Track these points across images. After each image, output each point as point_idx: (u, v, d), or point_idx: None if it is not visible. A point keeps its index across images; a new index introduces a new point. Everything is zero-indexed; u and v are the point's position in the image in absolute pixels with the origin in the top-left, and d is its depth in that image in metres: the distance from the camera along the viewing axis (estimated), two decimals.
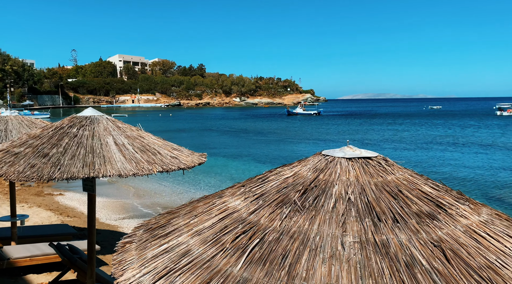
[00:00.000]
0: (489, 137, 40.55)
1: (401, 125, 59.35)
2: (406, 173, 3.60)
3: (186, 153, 6.79)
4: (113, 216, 15.78)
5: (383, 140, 38.62)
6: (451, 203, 3.16)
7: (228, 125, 63.36)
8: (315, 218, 2.82)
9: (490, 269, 2.41)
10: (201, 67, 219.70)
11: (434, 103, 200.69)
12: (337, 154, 3.76)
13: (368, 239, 2.61)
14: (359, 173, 3.39)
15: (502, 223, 3.11)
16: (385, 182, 3.35)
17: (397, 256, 2.46)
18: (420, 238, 2.64)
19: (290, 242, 2.62)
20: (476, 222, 2.94)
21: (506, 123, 60.93)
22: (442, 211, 2.99)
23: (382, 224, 2.75)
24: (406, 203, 3.01)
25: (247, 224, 2.88)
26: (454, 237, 2.69)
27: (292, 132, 49.84)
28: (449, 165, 24.10)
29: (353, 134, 45.13)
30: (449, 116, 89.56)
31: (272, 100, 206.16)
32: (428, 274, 2.34)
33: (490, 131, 47.71)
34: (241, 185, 3.78)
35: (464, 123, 63.49)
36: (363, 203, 3.01)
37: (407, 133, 45.49)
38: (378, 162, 3.62)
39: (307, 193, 3.19)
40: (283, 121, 73.02)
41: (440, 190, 3.42)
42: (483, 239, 2.71)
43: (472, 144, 34.18)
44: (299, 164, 3.90)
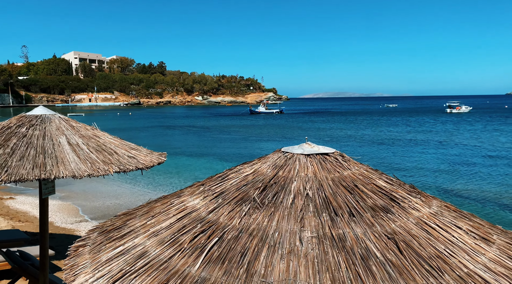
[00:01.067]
0: (439, 133, 42.79)
1: (359, 123, 61.28)
2: (362, 168, 3.70)
3: (144, 152, 6.62)
4: (69, 219, 15.14)
5: (342, 137, 39.71)
6: (404, 196, 3.27)
7: (190, 124, 62.64)
8: (274, 215, 2.83)
9: (440, 259, 2.52)
10: (161, 65, 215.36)
11: (390, 102, 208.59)
12: (296, 151, 3.80)
13: (326, 233, 2.65)
14: (317, 168, 3.44)
15: (450, 214, 3.27)
16: (342, 177, 3.42)
17: (353, 249, 2.52)
18: (375, 231, 2.71)
19: (249, 240, 2.61)
20: (427, 214, 3.07)
21: (454, 120, 64.50)
22: (396, 204, 3.09)
23: (338, 218, 2.80)
24: (362, 197, 3.09)
25: (206, 223, 2.84)
26: (407, 229, 2.79)
27: (255, 130, 50.07)
28: (403, 159, 25.18)
29: (313, 132, 46.04)
30: (404, 113, 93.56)
31: (235, 99, 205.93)
32: (382, 266, 2.41)
33: (440, 127, 50.39)
34: (201, 184, 3.72)
35: (417, 120, 66.57)
36: (321, 198, 3.06)
37: (363, 130, 47.06)
38: (335, 157, 3.69)
39: (266, 190, 3.20)
40: (245, 120, 73.18)
41: (393, 184, 3.54)
42: (433, 230, 2.83)
43: (424, 140, 35.90)
44: (259, 161, 3.90)
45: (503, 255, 2.72)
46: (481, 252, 2.68)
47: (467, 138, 36.54)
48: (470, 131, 43.48)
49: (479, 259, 2.59)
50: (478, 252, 2.68)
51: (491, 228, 3.35)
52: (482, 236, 2.94)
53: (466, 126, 50.35)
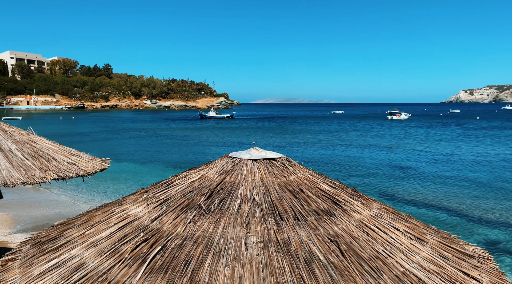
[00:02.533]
0: (381, 138, 45.13)
1: (307, 128, 62.95)
2: (307, 172, 3.78)
3: (86, 158, 6.30)
4: (2, 230, 14.01)
5: (290, 142, 40.53)
6: (346, 199, 3.39)
7: (138, 129, 60.80)
8: (220, 221, 2.80)
9: (378, 259, 2.63)
10: (107, 68, 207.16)
11: (337, 108, 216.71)
12: (243, 156, 3.81)
13: (271, 238, 2.67)
14: (263, 173, 3.47)
15: (389, 216, 3.43)
16: (288, 181, 3.47)
17: (297, 253, 2.55)
18: (319, 234, 2.77)
19: (193, 247, 2.56)
20: (368, 216, 3.20)
21: (394, 126, 68.37)
22: (338, 208, 3.19)
23: (284, 222, 2.83)
24: (307, 201, 3.16)
25: (149, 232, 2.75)
26: (348, 231, 2.88)
27: (205, 135, 49.68)
28: (348, 163, 26.19)
29: (263, 137, 46.54)
30: (349, 119, 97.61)
31: (186, 103, 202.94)
32: (325, 268, 2.47)
33: (382, 133, 53.15)
34: (144, 191, 3.60)
35: (363, 125, 69.69)
36: (267, 203, 3.08)
37: (312, 135, 48.40)
38: (281, 162, 3.75)
39: (213, 196, 3.16)
40: (195, 125, 72.41)
41: (337, 188, 3.66)
42: (372, 231, 2.94)
43: (367, 145, 37.63)
44: (206, 167, 3.86)
45: (435, 253, 2.89)
46: (416, 252, 2.83)
47: (408, 143, 38.83)
48: (410, 137, 46.30)
49: (414, 258, 2.74)
50: (413, 251, 2.82)
51: (426, 228, 3.56)
52: (417, 236, 3.11)
53: (406, 132, 53.54)
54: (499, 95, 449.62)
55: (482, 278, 2.69)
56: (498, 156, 30.02)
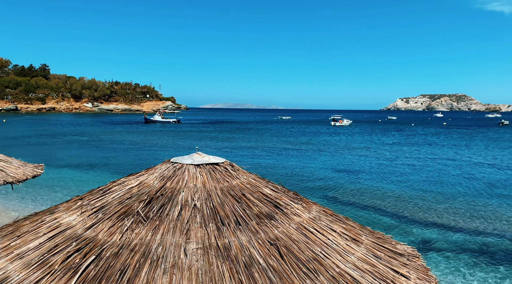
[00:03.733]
0: (325, 143, 46.79)
1: (253, 133, 63.56)
2: (250, 177, 3.82)
3: (16, 164, 5.87)
4: None
5: (236, 146, 40.66)
6: (287, 203, 3.46)
7: (78, 133, 57.70)
8: (159, 228, 2.74)
9: (316, 261, 2.71)
10: (44, 68, 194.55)
11: (284, 114, 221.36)
12: (185, 161, 3.75)
13: (211, 244, 2.65)
14: (206, 179, 3.44)
15: (327, 218, 3.56)
16: (230, 186, 3.48)
17: (237, 257, 2.56)
18: (259, 238, 2.80)
19: (130, 256, 2.47)
20: (307, 218, 3.29)
21: (338, 132, 71.24)
22: (279, 211, 3.25)
23: (225, 227, 2.83)
24: (248, 206, 3.18)
25: (82, 241, 2.61)
26: (288, 234, 2.94)
27: (149, 140, 48.30)
28: (293, 167, 26.81)
29: (209, 142, 46.20)
30: (296, 124, 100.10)
31: (130, 106, 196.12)
32: (264, 272, 2.50)
33: (326, 138, 55.17)
34: (79, 198, 3.42)
35: (307, 131, 71.79)
36: (209, 208, 3.06)
37: (257, 140, 48.95)
38: (225, 167, 3.75)
39: (152, 203, 3.08)
40: (140, 129, 70.21)
41: (279, 192, 3.73)
42: (311, 234, 3.03)
43: (312, 149, 38.83)
44: (146, 172, 3.75)
45: (369, 253, 3.03)
46: (351, 252, 2.95)
47: (351, 148, 40.59)
48: (354, 142, 48.46)
49: (349, 258, 2.85)
50: (349, 252, 2.94)
51: (361, 230, 3.73)
52: (353, 237, 3.25)
53: (350, 137, 55.91)
54: (431, 104, 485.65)
55: (410, 275, 2.87)
56: (435, 160, 32.28)
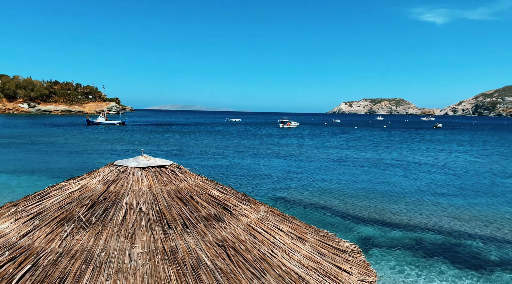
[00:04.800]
0: (275, 144, 47.58)
1: (203, 135, 62.99)
2: (198, 179, 3.80)
3: None
4: None
5: (185, 149, 40.03)
6: (236, 204, 3.49)
7: (12, 135, 53.68)
8: (102, 233, 2.64)
9: (263, 260, 2.76)
10: None
11: (234, 116, 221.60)
12: (130, 164, 3.65)
13: (157, 247, 2.60)
14: (152, 182, 3.38)
15: (275, 218, 3.64)
16: (178, 189, 3.44)
17: (184, 260, 2.54)
18: (207, 240, 2.80)
19: (70, 263, 2.36)
20: (255, 219, 3.34)
21: (286, 134, 72.73)
22: (227, 212, 3.27)
23: (172, 230, 2.79)
24: (196, 208, 3.16)
25: (17, 249, 2.45)
26: (236, 235, 2.97)
27: (91, 143, 46.10)
28: (243, 168, 26.95)
29: (155, 144, 45.01)
30: (246, 126, 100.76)
31: (71, 108, 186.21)
32: (211, 273, 2.50)
33: (276, 140, 56.13)
34: (13, 205, 3.21)
35: (257, 133, 72.55)
36: (155, 212, 3.00)
37: (207, 142, 48.62)
38: (172, 170, 3.69)
39: (94, 207, 2.96)
40: (82, 131, 66.82)
41: (227, 193, 3.74)
42: (258, 234, 3.08)
43: (261, 151, 39.28)
44: (88, 176, 3.60)
45: (314, 251, 3.14)
46: (297, 250, 3.04)
47: (301, 150, 41.60)
48: (302, 143, 49.76)
49: (295, 256, 2.94)
50: (294, 250, 3.03)
51: (307, 228, 3.85)
52: (299, 235, 3.35)
53: (299, 139, 57.35)
54: (373, 108, 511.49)
55: (352, 270, 3.01)
56: (380, 161, 33.93)
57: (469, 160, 36.15)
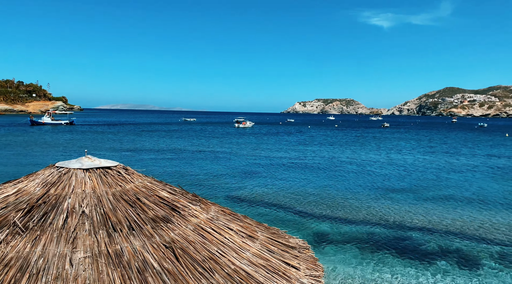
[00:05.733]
0: (231, 143, 47.55)
1: (156, 135, 61.47)
2: (146, 180, 3.71)
3: None
4: None
5: (134, 149, 38.85)
6: (185, 205, 3.45)
7: None
8: (40, 239, 2.50)
9: (212, 260, 2.75)
10: None
11: (188, 116, 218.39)
12: (72, 165, 3.49)
13: (101, 251, 2.51)
14: (96, 183, 3.25)
15: (225, 217, 3.63)
16: (124, 190, 3.33)
17: (130, 263, 2.47)
18: (154, 242, 2.74)
19: (4, 271, 2.21)
20: (205, 219, 3.32)
21: (242, 133, 72.88)
22: (176, 213, 3.22)
23: (117, 233, 2.71)
24: (143, 210, 3.09)
25: None
26: (185, 236, 2.93)
27: (36, 144, 43.51)
28: (198, 168, 26.66)
29: (103, 144, 43.24)
30: (200, 126, 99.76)
31: (12, 107, 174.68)
32: (158, 275, 2.45)
33: (232, 139, 56.11)
34: None
35: (212, 132, 72.04)
36: (99, 215, 2.89)
37: (163, 142, 47.53)
38: (117, 171, 3.57)
39: (32, 211, 2.80)
40: (25, 132, 62.80)
41: (176, 194, 3.69)
42: (208, 234, 3.06)
43: (216, 151, 39.08)
44: (26, 179, 3.39)
45: (263, 249, 3.18)
46: (247, 249, 3.06)
47: (256, 149, 41.86)
48: (257, 142, 50.03)
49: (244, 255, 2.95)
50: (244, 249, 3.05)
51: (258, 226, 3.89)
52: (249, 234, 3.37)
53: (255, 139, 57.68)
54: (325, 107, 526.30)
55: (300, 265, 3.08)
56: (334, 159, 34.89)
57: (417, 157, 38.26)
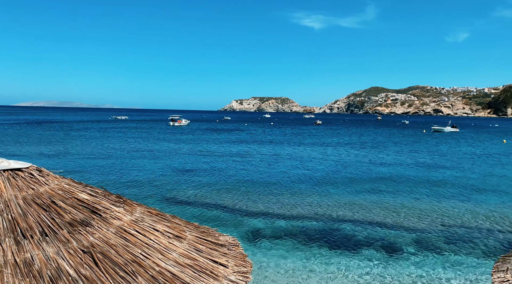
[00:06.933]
0: (168, 143, 46.36)
1: (81, 134, 57.96)
2: (64, 182, 3.45)
3: None
4: None
5: (56, 149, 36.29)
6: (107, 207, 3.26)
7: None
8: None
9: (135, 263, 2.63)
10: None
11: (119, 114, 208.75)
12: None
13: (7, 261, 2.28)
14: (3, 187, 2.95)
15: (151, 218, 3.51)
16: (37, 194, 3.07)
17: (41, 272, 2.27)
18: (70, 247, 2.56)
19: None
20: (128, 221, 3.17)
21: (177, 132, 71.38)
22: (97, 216, 3.04)
23: (27, 240, 2.48)
24: (59, 214, 2.87)
25: None
26: (105, 239, 2.77)
27: None
28: (127, 168, 25.57)
29: (21, 146, 39.92)
30: (133, 124, 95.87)
31: None
32: (74, 282, 2.29)
33: (165, 137, 54.76)
34: None
35: (145, 131, 69.61)
36: (6, 221, 2.63)
37: (88, 141, 44.87)
38: (30, 173, 3.28)
39: None
40: None
41: (98, 196, 3.48)
42: (132, 236, 2.93)
43: (149, 150, 37.87)
44: None
45: (191, 248, 3.12)
46: (173, 249, 2.98)
47: (194, 147, 41.16)
48: (196, 141, 49.29)
49: (170, 256, 2.87)
50: (170, 249, 2.96)
51: (187, 226, 3.81)
52: (176, 234, 3.29)
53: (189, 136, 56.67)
54: (261, 105, 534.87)
55: (229, 263, 3.07)
56: (273, 156, 35.42)
57: (351, 152, 40.35)
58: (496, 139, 63.43)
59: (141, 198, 17.36)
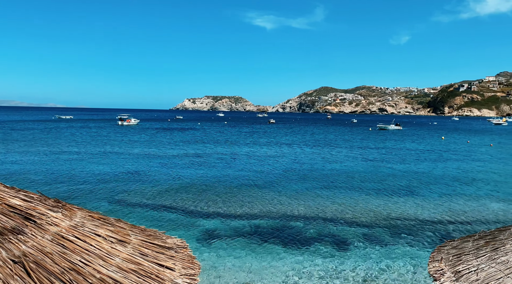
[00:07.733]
0: (119, 143, 44.55)
1: (21, 134, 54.22)
2: None
3: None
4: None
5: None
6: (43, 212, 3.05)
7: None
8: None
9: (73, 271, 2.47)
10: None
11: (64, 113, 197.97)
12: None
13: None
14: None
15: (93, 223, 3.32)
16: None
17: None
18: None
19: None
20: (67, 227, 2.98)
21: (126, 132, 68.99)
22: (31, 223, 2.82)
23: None
24: None
25: None
26: (40, 247, 2.58)
27: None
28: (77, 171, 24.26)
29: None
30: (78, 123, 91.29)
31: None
32: None
33: (113, 137, 52.58)
34: None
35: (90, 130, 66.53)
36: None
37: (22, 143, 42.07)
38: None
39: None
40: None
41: (33, 201, 3.24)
42: (70, 242, 2.75)
43: (96, 151, 36.19)
44: None
45: (135, 252, 2.99)
46: (116, 254, 2.84)
47: (144, 147, 39.86)
48: (146, 141, 47.77)
49: (113, 261, 2.73)
50: (113, 255, 2.82)
51: (132, 229, 3.66)
52: (120, 238, 3.14)
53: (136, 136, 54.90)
54: (215, 104, 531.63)
55: (176, 266, 2.98)
56: (227, 155, 35.16)
57: (305, 150, 41.13)
58: (435, 136, 67.75)
59: (86, 201, 16.57)
